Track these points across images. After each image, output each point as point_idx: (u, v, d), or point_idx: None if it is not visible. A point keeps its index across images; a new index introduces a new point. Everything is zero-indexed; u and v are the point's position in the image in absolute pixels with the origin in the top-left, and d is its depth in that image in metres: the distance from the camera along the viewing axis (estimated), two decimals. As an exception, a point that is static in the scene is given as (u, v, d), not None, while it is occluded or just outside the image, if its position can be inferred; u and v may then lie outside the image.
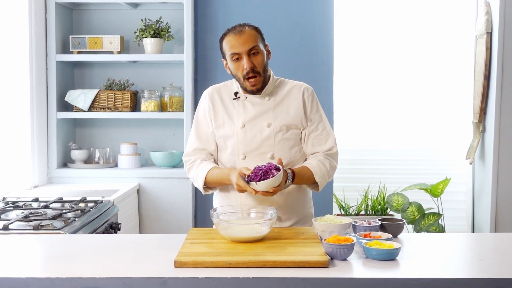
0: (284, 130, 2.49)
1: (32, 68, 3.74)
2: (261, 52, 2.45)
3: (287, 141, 2.49)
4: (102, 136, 4.25)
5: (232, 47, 2.42)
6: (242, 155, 2.48)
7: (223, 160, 2.54)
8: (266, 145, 2.48)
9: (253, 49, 2.42)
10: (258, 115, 2.50)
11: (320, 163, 2.48)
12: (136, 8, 4.19)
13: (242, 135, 2.48)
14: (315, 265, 1.87)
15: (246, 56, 2.41)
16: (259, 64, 2.43)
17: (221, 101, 2.54)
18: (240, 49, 2.41)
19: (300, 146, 2.54)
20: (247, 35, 2.42)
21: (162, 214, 3.94)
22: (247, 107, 2.51)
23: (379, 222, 2.26)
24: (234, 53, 2.42)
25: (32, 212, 2.82)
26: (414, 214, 4.09)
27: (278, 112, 2.50)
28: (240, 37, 2.41)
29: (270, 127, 2.48)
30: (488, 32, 3.99)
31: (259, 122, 2.49)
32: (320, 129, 2.54)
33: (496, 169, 4.00)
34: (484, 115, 4.12)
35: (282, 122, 2.49)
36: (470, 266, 1.95)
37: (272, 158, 2.46)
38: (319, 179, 2.46)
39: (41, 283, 1.78)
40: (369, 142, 4.47)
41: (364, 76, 4.44)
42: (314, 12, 4.15)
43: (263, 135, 2.48)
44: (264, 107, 2.51)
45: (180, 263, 1.87)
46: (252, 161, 2.45)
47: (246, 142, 2.48)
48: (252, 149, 2.48)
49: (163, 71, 4.22)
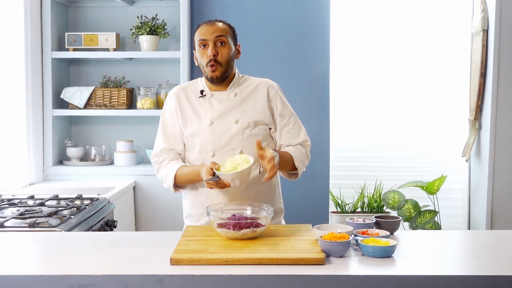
0: (252, 126, 2.49)
1: (28, 65, 3.72)
2: (229, 45, 2.46)
3: (255, 136, 2.48)
4: (98, 133, 4.25)
5: (201, 34, 2.45)
6: (211, 153, 2.47)
7: (191, 159, 2.53)
8: (235, 141, 2.47)
9: (220, 38, 2.43)
10: (225, 112, 2.49)
11: (298, 149, 2.53)
12: (132, 5, 4.18)
13: (210, 133, 2.48)
14: (311, 262, 1.87)
15: (212, 43, 2.43)
16: (223, 55, 2.44)
17: (187, 100, 2.53)
18: (208, 36, 2.43)
19: (268, 142, 2.54)
20: (218, 26, 2.47)
21: (158, 212, 3.93)
22: (213, 104, 2.51)
23: (374, 219, 2.26)
24: (202, 39, 2.44)
25: (27, 210, 2.82)
26: (410, 212, 4.09)
27: (245, 108, 2.50)
28: (211, 27, 2.45)
29: (238, 123, 2.48)
30: (484, 29, 4.00)
31: (226, 118, 2.49)
32: (292, 122, 2.56)
33: (492, 166, 4.00)
34: (480, 112, 4.12)
35: (250, 118, 2.49)
36: (466, 263, 1.95)
37: (241, 154, 2.44)
38: (298, 163, 2.49)
39: (37, 280, 1.77)
40: (365, 140, 4.47)
41: (360, 73, 4.44)
42: (311, 9, 4.15)
43: (231, 131, 2.48)
44: (230, 104, 2.50)
45: (176, 261, 1.87)
46: (221, 158, 2.43)
47: (215, 139, 2.47)
48: (220, 146, 2.47)
49: (159, 68, 4.21)
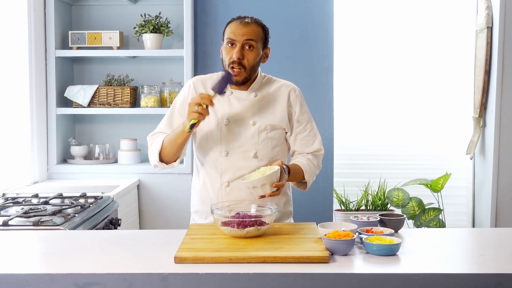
0: (268, 129, 2.46)
1: (32, 64, 3.73)
2: (257, 50, 2.40)
3: (270, 140, 2.47)
4: (101, 132, 4.25)
5: (232, 33, 2.39)
6: (224, 152, 2.45)
7: (205, 154, 2.50)
8: (250, 143, 2.45)
9: (249, 42, 2.38)
10: (243, 112, 2.46)
11: (310, 162, 2.51)
12: (136, 4, 4.18)
13: (226, 132, 2.45)
14: (315, 260, 1.86)
15: (240, 45, 2.37)
16: (249, 59, 2.39)
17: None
18: (237, 37, 2.38)
19: (282, 146, 2.53)
20: (251, 28, 2.39)
21: (162, 210, 3.94)
22: (232, 102, 2.47)
23: (379, 217, 2.26)
24: (231, 39, 2.39)
25: (32, 208, 2.82)
26: (415, 209, 4.08)
27: (264, 110, 2.47)
28: (243, 27, 2.38)
29: (255, 125, 2.45)
30: (488, 26, 3.98)
31: (244, 119, 2.45)
32: (308, 130, 2.54)
33: (497, 164, 3.99)
34: (484, 110, 4.11)
35: (267, 122, 2.46)
36: (470, 261, 1.94)
37: (255, 156, 2.44)
38: (308, 177, 2.48)
39: (41, 279, 1.77)
40: (369, 137, 4.47)
41: (364, 71, 4.44)
42: (314, 6, 4.14)
43: (248, 133, 2.45)
44: (249, 104, 2.47)
45: (180, 259, 1.87)
46: (235, 158, 2.44)
47: (230, 139, 2.45)
48: (235, 147, 2.45)
49: (162, 66, 4.21)
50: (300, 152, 2.55)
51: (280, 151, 2.52)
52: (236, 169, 2.45)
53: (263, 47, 2.45)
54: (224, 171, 2.46)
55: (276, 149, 2.49)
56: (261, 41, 2.43)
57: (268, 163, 2.45)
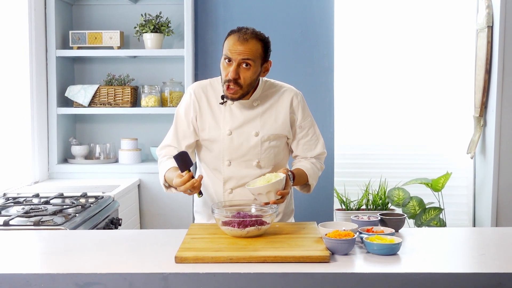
0: (271, 138, 2.45)
1: (32, 64, 3.73)
2: (254, 68, 2.33)
3: (273, 148, 2.47)
4: (102, 131, 4.25)
5: (229, 50, 2.32)
6: (227, 161, 2.45)
7: (207, 161, 2.51)
8: (252, 153, 2.44)
9: (246, 61, 2.31)
10: (246, 122, 2.44)
11: (313, 165, 2.51)
12: (136, 3, 4.18)
13: (228, 142, 2.44)
14: (316, 260, 1.86)
15: (236, 64, 2.31)
16: (246, 78, 2.32)
17: (207, 103, 2.47)
18: (233, 55, 2.30)
19: (284, 151, 2.54)
20: (249, 46, 2.31)
21: (162, 210, 3.94)
22: (234, 113, 2.45)
23: (379, 216, 2.26)
24: (228, 56, 2.33)
25: (32, 208, 2.82)
26: (415, 209, 4.08)
27: (266, 119, 2.45)
28: (241, 45, 2.30)
29: (257, 136, 2.44)
30: (489, 26, 3.98)
31: (246, 129, 2.43)
32: (310, 134, 2.53)
33: (497, 163, 3.99)
34: (485, 109, 4.11)
35: (270, 132, 2.45)
36: (471, 261, 1.95)
37: (258, 165, 2.44)
38: (312, 181, 2.49)
39: (42, 278, 1.77)
40: (370, 137, 4.47)
41: (364, 70, 4.43)
42: (315, 6, 4.14)
43: (250, 143, 2.44)
44: (252, 114, 2.45)
45: (181, 259, 1.87)
46: (237, 167, 2.44)
47: (232, 149, 2.44)
48: (237, 156, 2.45)
49: (163, 66, 4.21)
50: (303, 156, 2.54)
51: (282, 157, 2.53)
52: (239, 177, 2.45)
53: (262, 63, 2.38)
54: (227, 179, 2.47)
55: (278, 156, 2.50)
56: (260, 58, 2.35)
57: (272, 170, 2.45)
